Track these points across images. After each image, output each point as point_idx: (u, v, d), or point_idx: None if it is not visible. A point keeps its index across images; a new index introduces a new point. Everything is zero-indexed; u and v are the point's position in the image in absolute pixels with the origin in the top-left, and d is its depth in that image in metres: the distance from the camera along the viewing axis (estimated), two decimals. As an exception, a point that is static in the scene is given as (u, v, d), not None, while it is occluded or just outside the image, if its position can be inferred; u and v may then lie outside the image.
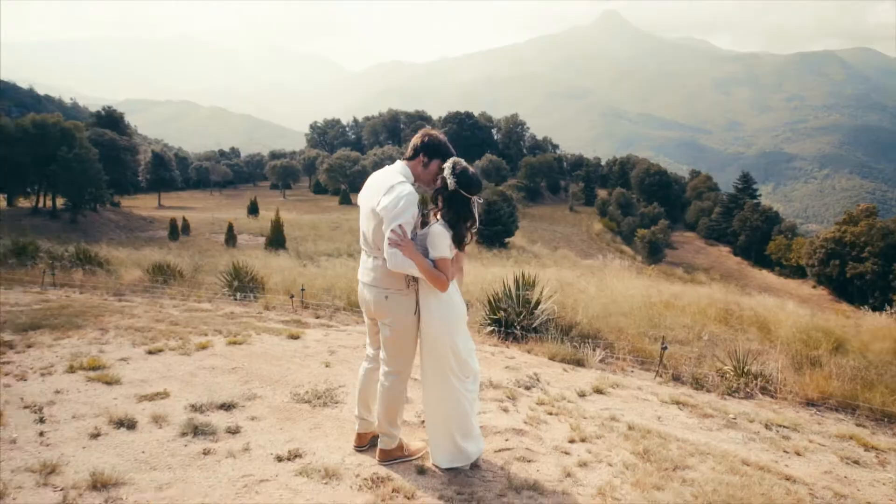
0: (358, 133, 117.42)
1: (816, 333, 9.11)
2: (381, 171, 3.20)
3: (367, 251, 3.17)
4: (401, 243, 2.89)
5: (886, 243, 48.59)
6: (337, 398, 4.22)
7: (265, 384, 4.48)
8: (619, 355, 6.66)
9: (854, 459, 4.11)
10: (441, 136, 3.15)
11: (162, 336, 5.83)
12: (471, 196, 3.04)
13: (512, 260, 31.76)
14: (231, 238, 36.09)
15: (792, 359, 6.63)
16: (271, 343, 5.82)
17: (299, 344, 5.87)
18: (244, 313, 8.20)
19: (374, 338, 3.35)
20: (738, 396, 5.59)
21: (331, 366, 5.06)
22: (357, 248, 31.88)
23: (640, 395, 5.23)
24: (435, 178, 3.12)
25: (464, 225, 3.07)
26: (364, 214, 3.14)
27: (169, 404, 3.94)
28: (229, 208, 61.71)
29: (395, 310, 3.09)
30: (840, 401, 5.50)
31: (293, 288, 9.92)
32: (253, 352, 5.40)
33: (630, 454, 3.71)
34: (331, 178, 73.77)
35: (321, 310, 8.83)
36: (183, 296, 9.69)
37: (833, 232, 53.95)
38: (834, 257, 52.06)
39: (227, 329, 6.36)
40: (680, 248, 73.99)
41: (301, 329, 6.80)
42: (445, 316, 3.10)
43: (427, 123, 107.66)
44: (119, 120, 64.29)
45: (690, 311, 10.18)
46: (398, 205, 2.89)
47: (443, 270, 2.98)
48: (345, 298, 9.17)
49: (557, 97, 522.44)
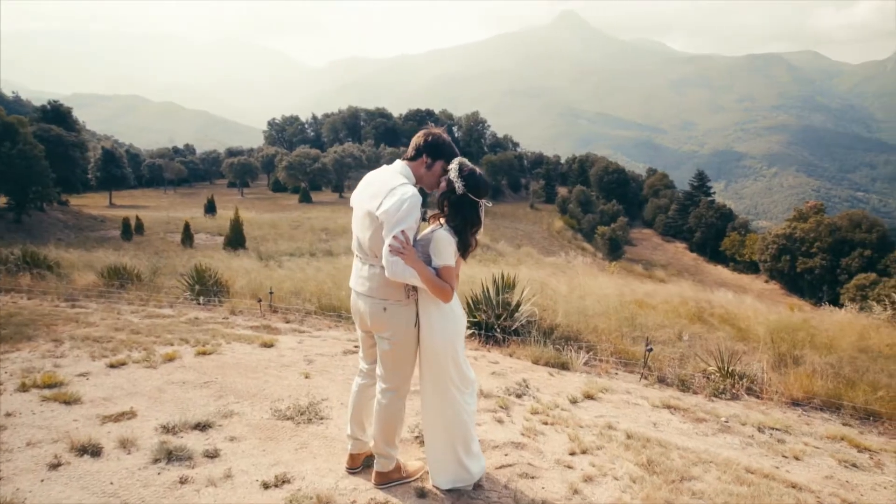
0: (317, 130, 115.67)
1: (789, 332, 9.24)
2: (380, 171, 2.94)
3: (361, 258, 2.91)
4: (403, 251, 2.65)
5: (834, 239, 50.54)
6: (321, 413, 3.94)
7: (242, 399, 4.16)
8: (603, 357, 6.55)
9: (851, 462, 4.06)
10: (445, 135, 2.91)
11: (123, 347, 5.42)
12: (479, 200, 2.82)
13: (476, 258, 31.77)
14: (188, 238, 34.93)
15: (776, 358, 6.65)
16: (243, 352, 5.48)
17: (274, 353, 5.54)
18: (209, 319, 7.79)
19: (369, 351, 3.10)
20: (725, 398, 5.53)
21: (310, 377, 4.76)
22: (320, 248, 31.40)
23: (631, 399, 5.11)
24: (439, 181, 2.89)
25: (470, 231, 2.85)
26: (359, 218, 2.86)
27: (137, 425, 3.59)
28: (185, 207, 59.89)
29: (394, 322, 2.85)
30: (825, 400, 5.50)
31: (260, 291, 9.52)
32: (225, 362, 5.05)
33: (634, 466, 3.56)
34: (290, 175, 72.33)
35: (291, 314, 8.46)
36: (142, 301, 9.17)
37: (784, 228, 55.83)
38: (785, 253, 53.88)
39: (194, 337, 5.97)
40: (638, 245, 75.44)
41: (273, 336, 6.46)
42: (447, 327, 2.87)
43: (388, 121, 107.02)
44: (66, 115, 61.37)
45: (664, 309, 10.20)
46: (401, 209, 2.64)
47: (447, 280, 2.75)
48: (315, 302, 8.82)
49: (517, 95, 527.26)
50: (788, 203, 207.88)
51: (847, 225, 51.73)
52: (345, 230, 42.97)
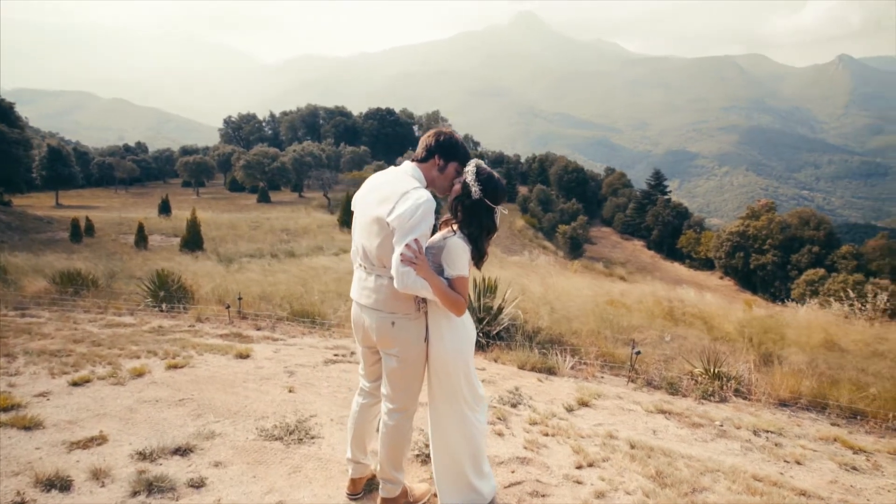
0: (275, 128, 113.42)
1: (760, 330, 9.37)
2: (387, 173, 2.70)
3: (366, 268, 2.66)
4: (415, 261, 2.43)
5: (785, 236, 52.32)
6: (312, 432, 3.67)
7: (223, 418, 3.86)
8: (588, 360, 6.45)
9: (851, 465, 4.03)
10: (457, 135, 2.69)
11: (85, 361, 5.01)
12: (496, 206, 2.62)
13: (441, 258, 31.60)
14: (142, 239, 33.59)
15: (759, 358, 6.67)
16: (218, 364, 5.14)
17: (251, 364, 5.22)
18: (175, 327, 7.37)
19: (372, 368, 2.86)
20: (714, 400, 5.49)
21: (295, 391, 4.47)
22: (281, 249, 30.69)
23: (624, 405, 5.00)
24: (452, 184, 2.68)
25: (486, 239, 2.65)
26: (364, 224, 2.62)
27: (109, 452, 3.26)
28: (138, 207, 57.79)
29: (403, 338, 2.62)
30: (811, 400, 5.52)
31: (227, 296, 9.11)
32: (199, 376, 4.72)
33: (644, 478, 3.43)
34: (248, 175, 70.59)
35: (261, 320, 8.09)
36: (99, 308, 8.65)
37: (738, 226, 57.50)
38: (739, 250, 55.51)
39: (162, 349, 5.59)
40: (598, 243, 76.51)
41: (246, 345, 6.12)
42: (459, 341, 2.66)
43: (348, 119, 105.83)
44: (8, 111, 58.29)
45: (638, 309, 10.23)
46: (415, 214, 2.41)
47: (460, 291, 2.54)
48: (286, 307, 8.47)
49: (477, 95, 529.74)
50: (739, 201, 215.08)
51: (797, 223, 53.62)
52: (306, 230, 42.17)
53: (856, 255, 48.31)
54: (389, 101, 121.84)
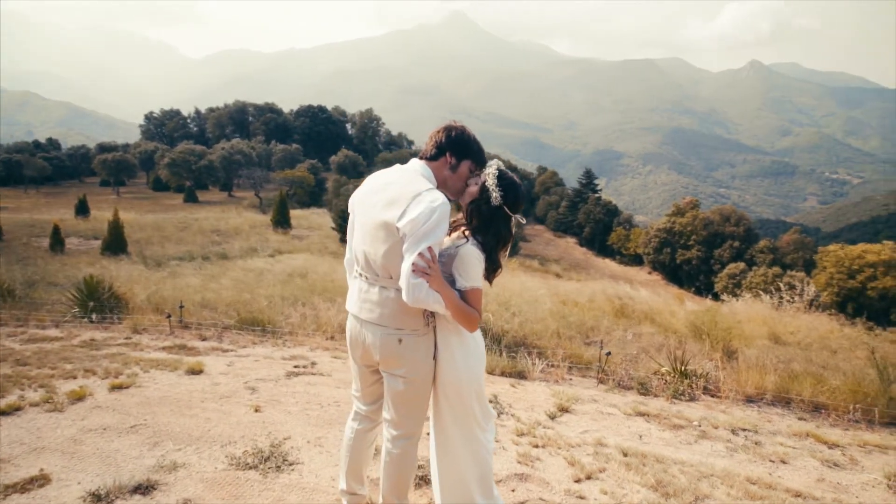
0: (201, 125, 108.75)
1: (708, 326, 9.60)
2: (393, 171, 2.40)
3: (368, 278, 2.36)
4: (429, 272, 2.17)
5: (708, 232, 54.86)
6: (289, 458, 3.33)
7: (184, 445, 3.45)
8: (555, 363, 6.33)
9: (831, 461, 4.08)
10: (470, 130, 2.43)
11: (12, 385, 4.42)
12: (514, 214, 2.38)
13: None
14: (58, 243, 31.23)
15: (722, 353, 6.77)
16: (169, 382, 4.66)
17: (205, 381, 4.77)
18: (109, 340, 6.75)
19: (369, 389, 2.55)
20: (685, 399, 5.49)
21: (261, 410, 4.09)
22: (213, 251, 29.36)
23: (602, 408, 4.91)
24: (465, 185, 2.43)
25: (502, 250, 2.41)
26: (368, 229, 2.31)
27: (55, 496, 2.82)
28: (51, 208, 53.92)
29: (410, 357, 2.33)
30: (775, 395, 5.62)
31: (164, 304, 8.47)
32: (149, 397, 4.25)
33: (644, 488, 3.32)
34: (174, 173, 67.26)
35: (206, 330, 7.54)
36: (18, 321, 7.82)
37: (664, 223, 59.81)
38: (666, 246, 57.76)
39: (101, 366, 5.04)
40: (532, 241, 77.80)
41: (195, 358, 5.64)
42: (471, 359, 2.41)
43: (278, 116, 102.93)
44: None
45: (590, 308, 10.29)
46: (429, 219, 2.13)
47: (474, 305, 2.28)
48: (233, 315, 7.94)
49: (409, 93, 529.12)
50: (662, 199, 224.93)
51: (718, 219, 56.27)
52: (238, 231, 40.57)
53: (772, 249, 51.22)
54: (321, 99, 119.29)
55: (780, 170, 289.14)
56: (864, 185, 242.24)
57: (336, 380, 5.03)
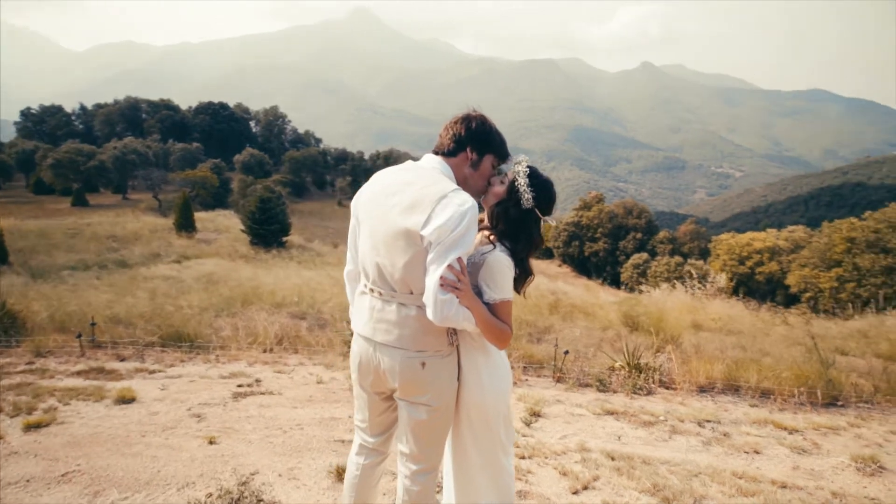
0: (88, 123, 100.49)
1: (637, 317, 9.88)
2: (406, 169, 2.08)
3: (383, 294, 2.03)
4: (460, 286, 1.89)
5: (613, 225, 57.48)
6: (263, 496, 2.92)
7: (132, 492, 2.95)
8: (511, 364, 6.19)
9: (799, 448, 4.19)
10: (490, 120, 2.16)
11: None
12: (545, 217, 2.15)
13: (295, 261, 30.06)
14: (-78, 254, 27.75)
15: (660, 344, 6.91)
16: (97, 415, 4.06)
17: (141, 410, 4.20)
18: (7, 367, 5.89)
19: (379, 420, 2.22)
20: (643, 393, 5.51)
21: (217, 441, 3.61)
22: (110, 259, 27.26)
23: (569, 409, 4.83)
24: (488, 183, 2.16)
25: (531, 256, 2.16)
26: (382, 237, 1.99)
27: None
28: (-90, 215, 47.99)
29: (435, 382, 2.03)
30: (725, 384, 5.77)
31: (69, 322, 7.57)
32: (77, 436, 3.66)
33: (643, 494, 3.25)
34: (59, 175, 61.63)
35: (123, 348, 6.78)
36: None
37: (572, 217, 62.02)
38: (574, 239, 59.94)
39: (6, 401, 4.32)
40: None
41: (119, 383, 5.00)
42: (499, 380, 2.15)
43: (175, 114, 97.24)
44: None
45: (524, 304, 10.29)
46: (459, 225, 1.85)
47: (505, 319, 2.03)
48: (153, 330, 7.19)
49: (314, 90, 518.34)
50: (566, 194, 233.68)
51: (622, 212, 59.12)
52: (137, 237, 37.78)
53: (671, 239, 54.51)
54: (219, 96, 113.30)
55: (671, 165, 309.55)
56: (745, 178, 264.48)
57: (290, 399, 4.61)
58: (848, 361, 6.81)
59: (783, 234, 44.94)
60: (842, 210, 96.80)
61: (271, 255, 33.72)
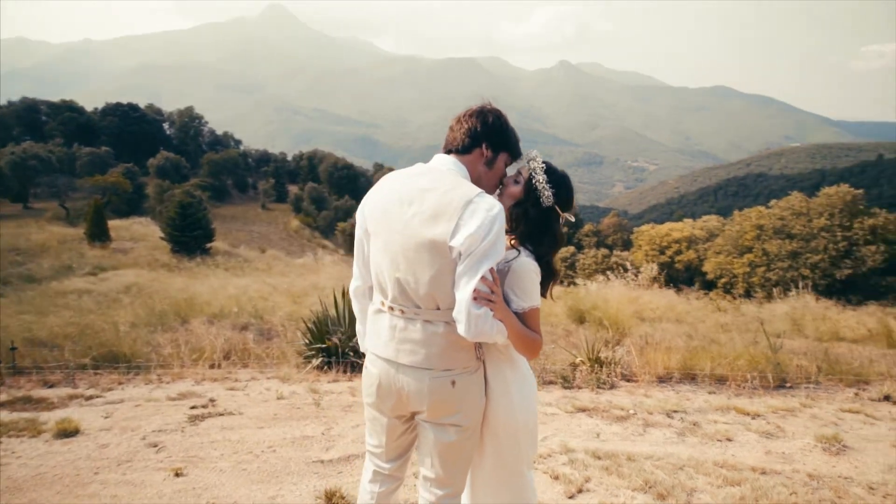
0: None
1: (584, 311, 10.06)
2: (421, 173, 1.90)
3: (405, 312, 1.85)
4: (493, 298, 1.76)
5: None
6: (251, 531, 2.69)
7: (99, 540, 2.64)
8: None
9: (765, 432, 4.34)
10: (506, 115, 2.02)
11: None
12: (565, 213, 2.05)
13: (222, 268, 28.78)
14: None
15: (615, 337, 7.04)
16: (36, 452, 3.63)
17: (87, 443, 3.79)
18: (-86, 403, 5.22)
19: (396, 444, 2.04)
20: (607, 388, 5.57)
21: (183, 472, 3.30)
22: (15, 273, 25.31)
23: (542, 409, 4.81)
24: (501, 182, 2.03)
25: (555, 255, 2.06)
26: (402, 250, 1.81)
27: None
28: None
29: (465, 399, 1.89)
30: (682, 373, 5.93)
31: (-17, 347, 6.83)
32: (18, 479, 3.24)
33: (637, 493, 3.26)
34: (-54, 184, 56.50)
35: (50, 373, 6.18)
36: None
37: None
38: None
39: (-77, 446, 3.80)
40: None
41: (53, 413, 4.53)
42: (526, 392, 2.04)
43: (80, 116, 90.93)
44: None
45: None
46: (490, 233, 1.70)
47: (535, 328, 1.92)
48: (81, 352, 6.59)
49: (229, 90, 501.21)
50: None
51: (548, 207, 60.80)
52: (44, 248, 34.97)
53: (595, 232, 56.39)
54: (126, 96, 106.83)
55: (590, 160, 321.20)
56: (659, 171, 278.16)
57: (253, 418, 4.31)
58: (787, 344, 7.18)
59: (699, 223, 47.44)
60: (747, 199, 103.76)
61: (196, 263, 32.04)
